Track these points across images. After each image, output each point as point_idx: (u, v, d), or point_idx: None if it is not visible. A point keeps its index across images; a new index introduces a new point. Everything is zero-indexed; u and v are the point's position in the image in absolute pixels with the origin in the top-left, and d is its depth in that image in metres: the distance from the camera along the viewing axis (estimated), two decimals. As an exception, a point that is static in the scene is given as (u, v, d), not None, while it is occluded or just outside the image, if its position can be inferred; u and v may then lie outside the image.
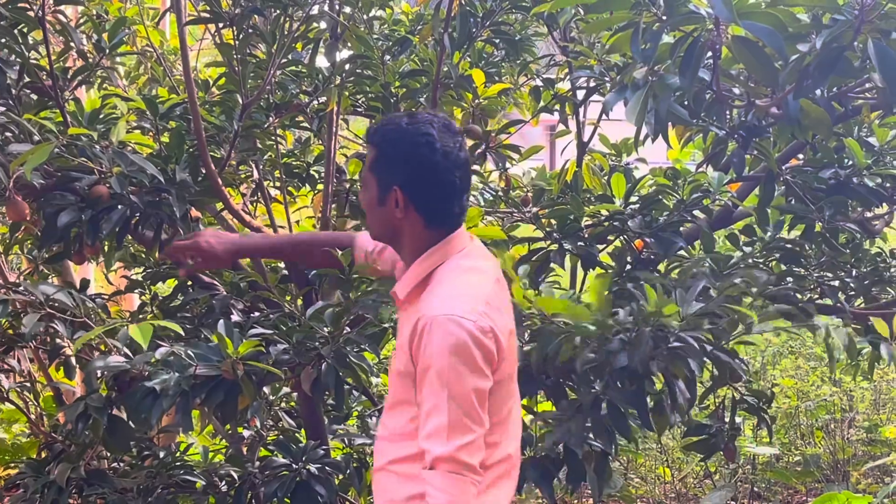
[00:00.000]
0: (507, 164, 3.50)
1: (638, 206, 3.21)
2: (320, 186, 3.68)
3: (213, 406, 2.68)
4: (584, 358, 2.60)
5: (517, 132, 3.52)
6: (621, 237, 3.27)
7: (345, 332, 2.77)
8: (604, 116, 3.47)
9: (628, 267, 3.24)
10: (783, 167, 3.24)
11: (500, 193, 3.66)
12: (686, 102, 2.63)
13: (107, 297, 3.72)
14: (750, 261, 3.19)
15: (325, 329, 2.76)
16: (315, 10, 3.18)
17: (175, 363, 2.62)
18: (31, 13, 2.90)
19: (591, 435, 2.82)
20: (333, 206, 3.45)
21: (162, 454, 3.33)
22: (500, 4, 3.19)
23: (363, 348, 2.81)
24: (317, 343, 2.76)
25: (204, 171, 3.07)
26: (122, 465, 3.38)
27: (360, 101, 3.60)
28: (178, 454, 3.41)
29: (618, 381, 2.64)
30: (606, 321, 2.52)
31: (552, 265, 3.24)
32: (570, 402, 2.82)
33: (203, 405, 2.75)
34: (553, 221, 3.29)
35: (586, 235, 3.24)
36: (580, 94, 3.61)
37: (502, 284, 2.25)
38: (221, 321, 2.73)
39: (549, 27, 3.52)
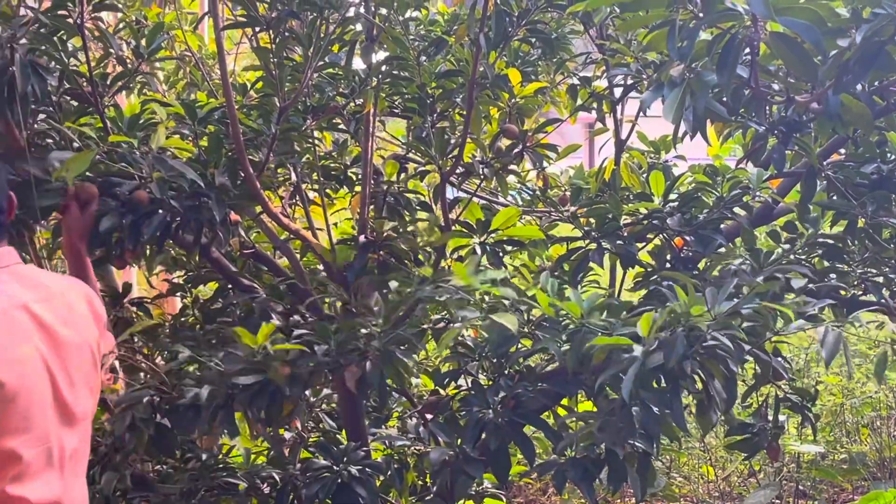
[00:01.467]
0: (545, 163, 3.49)
1: (677, 203, 3.19)
2: (358, 188, 3.69)
3: (258, 411, 2.71)
4: (617, 358, 2.59)
5: (555, 131, 3.50)
6: (660, 235, 3.25)
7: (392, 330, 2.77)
8: (641, 114, 3.45)
9: (668, 265, 3.23)
10: (824, 163, 3.20)
11: (538, 193, 3.65)
12: (724, 99, 2.61)
13: (149, 300, 3.76)
14: (791, 257, 3.16)
15: (372, 325, 2.77)
16: (351, 12, 3.18)
17: (208, 377, 2.65)
18: (71, 20, 2.93)
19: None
20: (371, 207, 3.46)
21: (204, 456, 3.36)
22: (536, 3, 3.17)
23: (414, 345, 2.81)
24: (360, 342, 2.77)
25: (242, 175, 3.08)
26: (165, 468, 3.41)
27: (396, 103, 3.60)
28: (220, 456, 3.44)
29: (652, 381, 2.62)
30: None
31: (591, 264, 3.23)
32: (608, 402, 2.81)
33: (247, 411, 2.78)
34: (591, 220, 3.27)
35: (625, 234, 3.22)
36: (617, 92, 3.59)
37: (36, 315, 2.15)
38: (264, 325, 2.75)
39: (585, 25, 3.50)
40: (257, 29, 3.23)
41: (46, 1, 3.00)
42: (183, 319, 3.75)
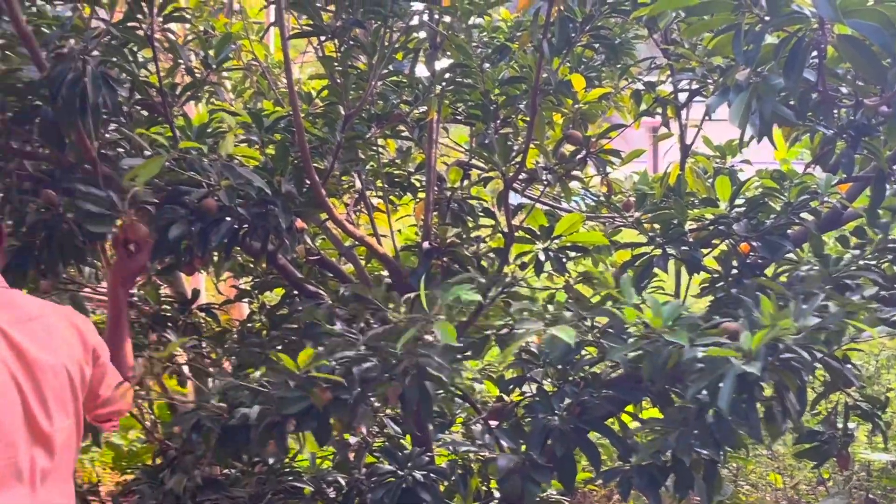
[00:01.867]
0: (609, 169, 3.48)
1: (744, 208, 3.16)
2: (422, 195, 3.71)
3: (307, 432, 2.72)
4: (692, 367, 2.56)
5: (619, 136, 3.49)
6: (727, 241, 3.21)
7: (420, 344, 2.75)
8: (707, 118, 3.43)
9: (734, 271, 3.19)
10: (894, 166, 3.15)
11: (602, 198, 3.63)
12: (791, 103, 2.58)
13: (217, 306, 3.82)
14: (861, 263, 3.10)
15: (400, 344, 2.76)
16: (415, 20, 3.20)
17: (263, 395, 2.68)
18: (141, 32, 2.99)
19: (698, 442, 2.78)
20: (435, 213, 3.47)
21: (272, 461, 3.40)
22: (600, 9, 3.17)
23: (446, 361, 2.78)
24: (401, 359, 2.76)
25: (308, 183, 3.12)
26: (233, 471, 3.46)
27: (459, 109, 3.62)
28: (287, 461, 3.47)
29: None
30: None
31: (655, 270, 3.21)
32: (677, 410, 2.78)
33: (296, 431, 2.80)
34: (656, 226, 3.25)
35: (690, 239, 3.19)
36: (682, 97, 3.57)
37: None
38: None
39: (649, 30, 3.48)
40: (322, 38, 3.27)
41: (117, 13, 3.06)
42: (250, 325, 3.80)
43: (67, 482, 2.34)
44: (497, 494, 3.46)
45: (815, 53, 2.16)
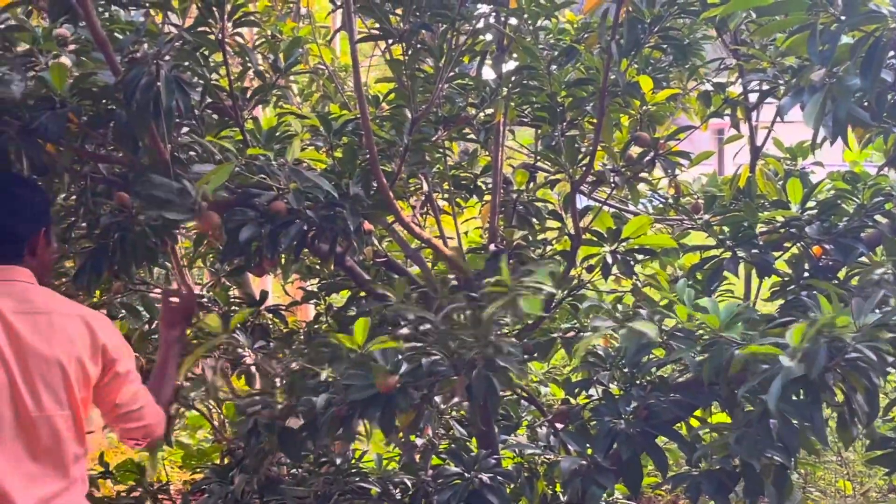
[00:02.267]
0: (677, 171, 3.45)
1: (815, 211, 3.11)
2: (487, 197, 3.71)
3: (372, 420, 2.74)
4: (755, 369, 2.53)
5: (685, 137, 3.46)
6: (798, 244, 3.17)
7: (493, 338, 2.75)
8: (778, 120, 3.38)
9: (806, 275, 3.14)
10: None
11: (670, 201, 3.60)
12: (866, 104, 2.54)
13: (284, 307, 3.85)
14: (937, 266, 3.04)
15: (470, 336, 2.77)
16: (481, 23, 3.21)
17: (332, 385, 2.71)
18: (212, 36, 3.03)
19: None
20: (501, 216, 3.47)
21: (338, 461, 3.42)
22: (669, 10, 3.14)
23: (515, 353, 2.79)
24: (469, 353, 2.77)
25: (376, 185, 3.14)
26: (300, 471, 3.49)
27: (525, 112, 3.61)
28: (353, 461, 3.49)
29: (791, 393, 2.56)
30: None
31: (725, 273, 3.17)
32: (745, 414, 2.75)
33: (360, 419, 2.81)
34: (726, 229, 3.22)
35: (761, 242, 3.15)
36: (752, 98, 3.52)
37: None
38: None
39: (718, 31, 3.44)
40: (390, 41, 3.28)
41: (189, 18, 3.11)
42: (316, 326, 3.83)
43: (60, 468, 2.48)
44: (563, 498, 3.45)
45: (892, 53, 2.12)
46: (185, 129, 3.08)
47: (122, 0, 3.00)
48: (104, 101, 2.88)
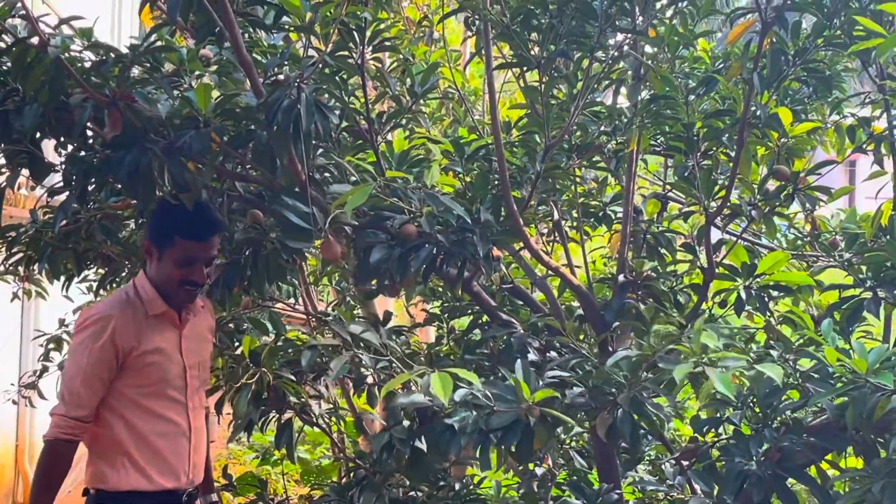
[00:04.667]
0: (815, 206, 3.35)
1: (962, 253, 2.99)
2: (616, 226, 3.67)
3: (509, 446, 2.72)
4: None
5: (827, 173, 3.36)
6: (944, 286, 3.05)
7: (642, 379, 2.73)
8: (924, 156, 3.26)
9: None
10: None
11: (807, 236, 3.50)
12: None
13: (406, 328, 3.87)
14: None
15: (621, 375, 2.74)
16: (619, 51, 3.18)
17: (473, 402, 2.68)
18: (352, 60, 3.07)
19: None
20: (630, 246, 3.43)
21: (457, 486, 3.41)
22: (814, 41, 3.06)
23: (658, 394, 2.76)
24: (613, 389, 2.74)
25: (505, 211, 3.13)
26: (419, 494, 3.48)
27: (659, 141, 3.56)
28: (472, 487, 3.48)
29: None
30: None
31: (865, 314, 3.07)
32: (884, 462, 2.65)
33: (499, 445, 2.80)
34: (865, 268, 3.11)
35: (904, 283, 3.04)
36: (897, 133, 3.40)
37: None
38: (519, 362, 2.77)
39: (863, 63, 3.34)
40: (524, 68, 3.28)
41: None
42: (437, 349, 3.84)
43: None
44: (685, 537, 3.37)
45: None
46: (321, 151, 3.13)
47: (265, 23, 3.05)
48: (245, 121, 2.94)
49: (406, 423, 3.12)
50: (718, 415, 3.05)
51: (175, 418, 3.04)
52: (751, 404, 3.02)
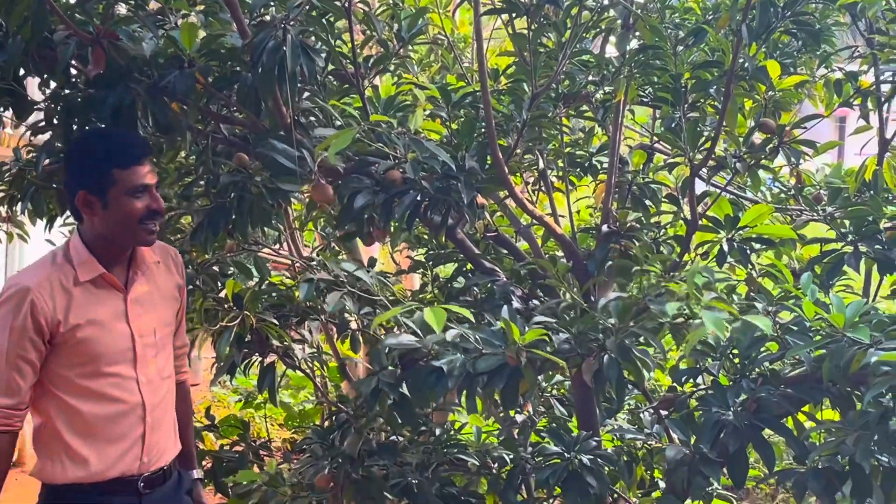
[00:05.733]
0: (800, 160, 3.35)
1: (945, 208, 3.00)
2: (602, 177, 3.67)
3: (495, 390, 2.74)
4: (877, 371, 2.46)
5: (812, 127, 3.36)
6: (925, 241, 3.06)
7: (630, 325, 2.74)
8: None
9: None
10: None
11: (791, 190, 3.51)
12: None
13: (391, 275, 3.87)
14: None
15: (609, 321, 2.75)
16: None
17: (461, 346, 2.69)
18: (339, 3, 3.04)
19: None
20: (615, 197, 3.43)
21: (438, 431, 3.44)
22: (805, -7, 3.05)
23: (650, 342, 2.77)
24: (599, 335, 2.75)
25: (491, 159, 3.12)
26: (400, 439, 3.51)
27: (646, 92, 3.54)
28: (452, 433, 3.51)
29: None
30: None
31: (845, 268, 3.09)
32: (858, 413, 2.68)
33: (485, 388, 2.82)
34: (848, 222, 3.13)
35: (885, 238, 3.06)
36: (885, 88, 3.40)
37: None
38: (505, 307, 2.78)
39: (853, 17, 3.33)
40: (513, 15, 3.25)
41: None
42: (422, 296, 3.85)
43: None
44: (661, 485, 3.41)
45: None
46: (306, 95, 3.11)
47: (251, -37, 3.02)
48: (230, 62, 2.92)
49: (391, 368, 3.14)
50: (698, 365, 3.09)
51: (121, 396, 2.66)
52: (730, 355, 3.05)
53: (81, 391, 2.63)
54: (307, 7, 2.85)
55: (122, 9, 2.94)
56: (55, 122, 3.02)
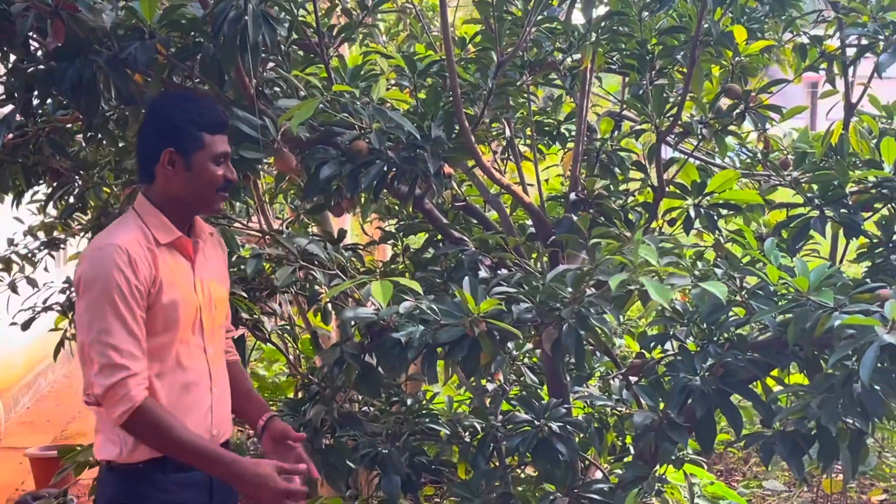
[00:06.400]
0: (767, 125, 3.35)
1: (910, 172, 3.01)
2: (570, 145, 3.66)
3: (456, 360, 2.74)
4: (842, 334, 2.47)
5: (778, 91, 3.36)
6: (889, 205, 3.07)
7: (587, 294, 2.74)
8: (875, 76, 3.26)
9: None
10: None
11: (758, 155, 3.51)
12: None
13: (362, 247, 3.87)
14: None
15: (566, 290, 2.76)
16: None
17: (420, 317, 2.69)
18: (301, -29, 3.02)
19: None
20: (583, 164, 3.42)
21: (409, 401, 3.44)
22: (769, -43, 3.04)
23: (605, 311, 2.78)
24: (558, 304, 2.76)
25: (458, 128, 3.11)
26: (372, 409, 3.52)
27: (614, 59, 3.53)
28: (424, 402, 3.51)
29: (880, 360, 2.49)
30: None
31: (811, 233, 3.10)
32: (824, 377, 2.70)
33: (446, 359, 2.82)
34: (815, 186, 3.13)
35: (850, 202, 3.07)
36: (850, 53, 3.40)
37: None
38: (466, 278, 2.78)
39: (818, -19, 3.33)
40: (479, -19, 3.23)
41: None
42: (393, 266, 3.85)
43: None
44: (632, 450, 3.43)
45: None
46: (270, 65, 3.09)
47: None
48: (192, 33, 2.89)
49: (357, 339, 3.14)
50: (668, 331, 3.10)
51: (192, 366, 2.54)
52: (698, 321, 3.06)
53: (163, 358, 2.48)
54: (269, -25, 2.82)
55: (81, -21, 2.90)
56: (15, 95, 2.98)
